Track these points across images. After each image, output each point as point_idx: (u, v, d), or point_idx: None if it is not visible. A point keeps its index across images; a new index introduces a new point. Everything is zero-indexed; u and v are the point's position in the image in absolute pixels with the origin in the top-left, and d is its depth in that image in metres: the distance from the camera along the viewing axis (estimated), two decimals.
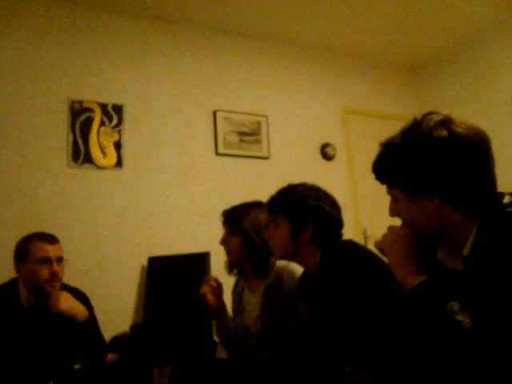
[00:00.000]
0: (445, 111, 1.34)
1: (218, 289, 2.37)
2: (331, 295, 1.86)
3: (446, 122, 1.29)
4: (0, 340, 2.26)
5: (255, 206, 2.39)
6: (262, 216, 2.28)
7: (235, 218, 2.34)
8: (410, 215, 1.36)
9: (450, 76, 5.37)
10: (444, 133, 1.26)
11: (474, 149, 1.26)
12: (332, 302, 1.85)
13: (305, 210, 1.96)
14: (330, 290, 1.86)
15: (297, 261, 2.04)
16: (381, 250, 1.44)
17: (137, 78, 4.25)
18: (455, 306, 1.21)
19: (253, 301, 2.35)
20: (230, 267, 2.45)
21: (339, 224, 2.05)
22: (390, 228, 1.44)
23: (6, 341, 2.27)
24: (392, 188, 1.38)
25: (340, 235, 2.05)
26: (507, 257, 1.16)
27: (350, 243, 2.02)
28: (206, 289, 2.36)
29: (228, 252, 2.37)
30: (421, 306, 1.26)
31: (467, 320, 1.18)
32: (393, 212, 1.42)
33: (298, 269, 2.18)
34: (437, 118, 1.31)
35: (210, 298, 2.35)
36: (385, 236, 1.43)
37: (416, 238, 1.39)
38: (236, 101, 4.65)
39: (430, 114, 1.34)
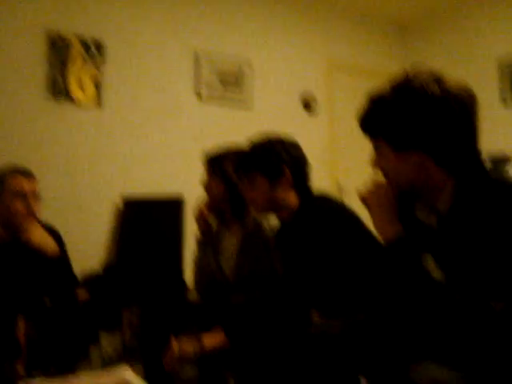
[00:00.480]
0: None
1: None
2: (305, 243, 1.88)
3: (438, 79, 1.30)
4: None
5: (237, 151, 2.39)
6: None
7: (219, 165, 2.35)
8: (393, 168, 1.37)
9: (440, 35, 5.34)
10: (436, 89, 1.28)
11: (464, 106, 1.29)
12: (304, 251, 1.88)
13: (276, 157, 1.97)
14: (304, 239, 1.89)
15: (275, 210, 2.04)
16: (363, 200, 1.46)
17: (119, 12, 4.11)
18: (430, 260, 1.25)
19: (230, 245, 2.38)
20: (210, 210, 2.47)
21: (309, 165, 2.10)
22: (375, 182, 1.45)
23: None
24: (378, 140, 1.38)
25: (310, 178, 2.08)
26: (484, 218, 1.19)
27: (326, 196, 2.04)
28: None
29: (210, 197, 2.40)
30: (397, 260, 1.30)
31: (442, 276, 1.21)
32: (375, 163, 1.43)
33: (273, 220, 2.21)
34: (428, 74, 1.32)
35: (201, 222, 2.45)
36: (368, 188, 1.45)
37: (396, 192, 1.41)
38: (219, 43, 4.56)
39: (420, 70, 1.34)
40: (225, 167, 2.34)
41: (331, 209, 1.91)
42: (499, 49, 4.74)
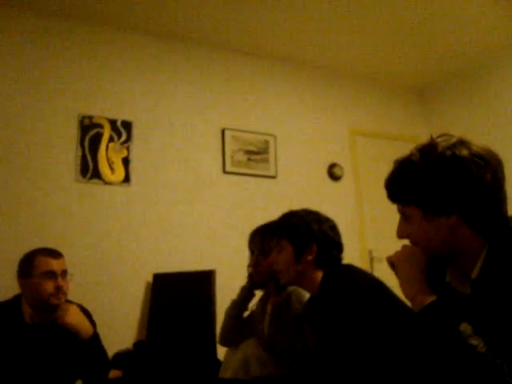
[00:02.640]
0: (454, 134, 1.35)
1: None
2: (331, 318, 1.87)
3: (464, 142, 1.30)
4: (3, 357, 2.26)
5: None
6: None
7: (264, 241, 2.41)
8: (424, 234, 1.34)
9: (460, 99, 5.37)
10: (465, 151, 1.27)
11: (493, 168, 1.27)
12: (332, 325, 1.85)
13: (307, 230, 2.01)
14: (329, 313, 1.87)
15: (301, 284, 2.04)
16: (392, 264, 1.42)
17: (147, 94, 4.28)
18: (468, 329, 1.19)
19: (267, 314, 2.41)
20: (257, 286, 2.56)
21: (340, 247, 2.10)
22: (404, 246, 1.42)
23: (9, 358, 2.26)
24: (406, 206, 1.36)
25: (340, 258, 2.08)
26: None
27: (351, 266, 2.03)
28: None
29: (256, 273, 2.45)
30: (432, 327, 1.24)
31: (481, 344, 1.16)
32: (402, 232, 1.40)
33: (305, 294, 2.22)
34: (453, 138, 1.32)
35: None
36: (397, 252, 1.42)
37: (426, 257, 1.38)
38: (244, 119, 4.67)
39: (445, 134, 1.34)
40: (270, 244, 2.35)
41: (355, 280, 1.89)
42: None
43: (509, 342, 1.14)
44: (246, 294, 2.60)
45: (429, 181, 1.29)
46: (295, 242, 1.99)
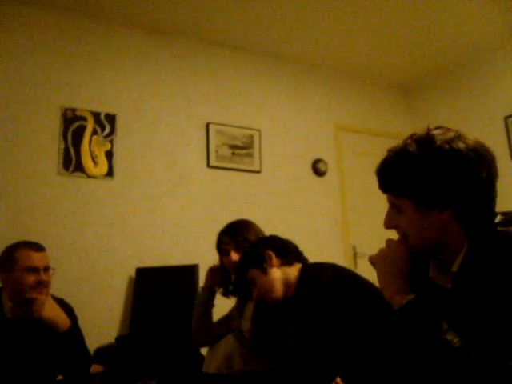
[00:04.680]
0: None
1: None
2: (310, 316, 1.91)
3: (461, 136, 1.29)
4: None
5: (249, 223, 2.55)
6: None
7: (244, 236, 2.45)
8: (414, 227, 1.33)
9: (444, 95, 5.41)
10: (462, 146, 1.25)
11: (487, 164, 1.26)
12: (311, 322, 1.88)
13: (257, 249, 2.22)
14: (308, 311, 1.93)
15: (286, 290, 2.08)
16: (373, 264, 1.42)
17: (130, 87, 4.25)
18: (444, 325, 1.20)
19: (250, 309, 2.41)
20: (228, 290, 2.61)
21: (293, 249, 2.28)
22: (390, 242, 1.41)
23: None
24: (398, 198, 1.34)
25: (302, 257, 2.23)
26: (494, 275, 1.17)
27: (330, 264, 2.10)
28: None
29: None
30: (408, 325, 1.25)
31: (456, 339, 1.16)
32: (391, 223, 1.38)
33: None
34: (451, 131, 1.30)
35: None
36: (380, 250, 1.41)
37: (411, 253, 1.38)
38: (229, 114, 4.65)
39: (441, 127, 1.33)
40: (250, 238, 2.42)
41: (324, 275, 1.97)
42: (507, 105, 4.77)
43: (485, 335, 1.15)
44: (207, 293, 2.63)
45: (425, 174, 1.27)
46: (259, 267, 2.12)
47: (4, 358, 2.24)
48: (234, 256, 2.39)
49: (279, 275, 2.09)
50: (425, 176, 1.27)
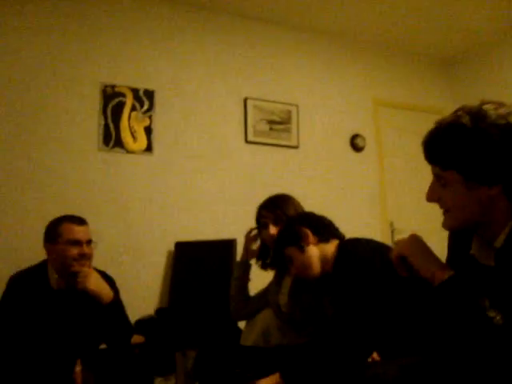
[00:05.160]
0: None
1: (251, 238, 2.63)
2: (348, 289, 1.92)
3: None
4: (30, 321, 2.32)
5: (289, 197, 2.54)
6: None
7: (283, 211, 2.45)
8: (459, 201, 1.30)
9: (487, 69, 5.25)
10: None
11: None
12: (349, 296, 1.89)
13: (295, 225, 2.21)
14: (346, 285, 1.93)
15: (324, 266, 2.10)
16: (402, 255, 1.39)
17: (169, 63, 4.26)
18: (486, 301, 1.19)
19: (288, 284, 2.43)
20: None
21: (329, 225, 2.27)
22: (409, 236, 1.41)
23: (35, 322, 2.32)
24: (446, 170, 1.31)
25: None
26: None
27: (366, 240, 2.10)
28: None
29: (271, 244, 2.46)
30: (450, 301, 1.24)
31: (498, 317, 1.15)
32: (433, 196, 1.36)
33: None
34: (505, 106, 1.27)
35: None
36: (401, 244, 1.40)
37: (452, 232, 1.36)
38: (266, 89, 4.63)
39: (495, 102, 1.29)
40: (289, 212, 2.42)
41: (363, 251, 1.97)
42: None
43: None
44: (242, 267, 2.65)
45: (479, 148, 1.23)
46: (296, 244, 2.13)
47: (49, 328, 2.33)
48: (273, 230, 2.39)
49: (316, 252, 2.09)
50: (478, 150, 1.24)
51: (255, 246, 2.62)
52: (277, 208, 2.45)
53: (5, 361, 2.23)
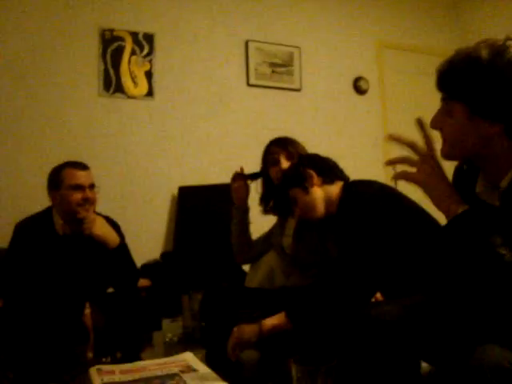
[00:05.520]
0: None
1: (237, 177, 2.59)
2: (353, 230, 1.92)
3: None
4: (37, 267, 2.34)
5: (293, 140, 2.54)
6: None
7: (294, 148, 2.47)
8: (460, 132, 1.30)
9: (497, 5, 5.06)
10: None
11: None
12: (355, 235, 1.90)
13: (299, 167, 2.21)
14: (351, 226, 1.93)
15: (328, 207, 2.10)
16: (417, 182, 1.36)
17: (168, 6, 4.16)
18: (498, 239, 1.18)
19: (292, 226, 2.44)
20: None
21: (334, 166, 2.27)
22: (423, 159, 1.35)
23: (42, 268, 2.35)
24: (453, 100, 1.30)
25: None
26: None
27: (370, 181, 2.10)
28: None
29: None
30: (462, 235, 1.24)
31: (509, 254, 1.15)
32: (437, 123, 1.35)
33: None
34: None
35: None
36: (419, 169, 1.36)
37: (458, 169, 1.34)
38: (268, 31, 4.54)
39: None
40: (299, 149, 2.45)
41: (369, 192, 1.98)
42: None
43: None
44: (240, 211, 2.63)
45: (490, 83, 1.22)
46: (300, 185, 2.13)
47: (57, 273, 2.36)
48: (285, 164, 2.39)
49: (321, 194, 2.10)
50: (489, 84, 1.22)
51: (243, 190, 2.59)
52: (288, 144, 2.45)
53: (16, 307, 2.27)
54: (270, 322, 1.87)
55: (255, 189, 2.61)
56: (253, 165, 2.61)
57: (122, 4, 3.98)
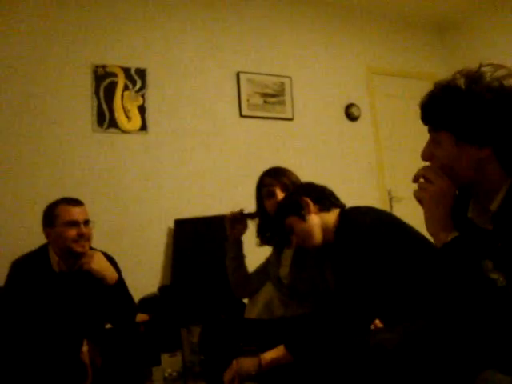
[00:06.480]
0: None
1: (238, 218, 2.56)
2: (350, 258, 1.92)
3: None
4: (34, 304, 2.33)
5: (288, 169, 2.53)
6: None
7: (288, 179, 2.45)
8: (450, 160, 1.31)
9: (483, 33, 5.17)
10: None
11: None
12: (351, 265, 1.90)
13: (295, 196, 2.19)
14: (348, 254, 1.93)
15: (325, 235, 2.10)
16: (419, 200, 1.38)
17: (159, 40, 4.21)
18: (489, 264, 1.19)
19: (288, 256, 2.43)
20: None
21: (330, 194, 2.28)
22: (436, 177, 1.34)
23: (39, 305, 2.33)
24: (439, 130, 1.32)
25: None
26: None
27: (366, 208, 2.10)
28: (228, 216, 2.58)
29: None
30: (453, 262, 1.25)
31: (501, 279, 1.16)
32: (427, 155, 1.37)
33: None
34: (503, 68, 1.27)
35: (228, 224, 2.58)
36: (427, 188, 1.35)
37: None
38: (259, 62, 4.60)
39: (492, 64, 1.30)
40: (293, 179, 2.44)
41: (370, 220, 1.96)
42: None
43: None
44: (235, 246, 2.62)
45: (470, 109, 1.24)
46: (296, 213, 2.12)
47: (54, 310, 2.34)
48: (280, 195, 2.37)
49: (317, 221, 2.10)
50: (469, 111, 1.25)
51: (240, 225, 2.58)
52: (282, 175, 2.45)
53: (13, 345, 2.25)
54: (270, 355, 1.86)
55: (250, 222, 2.60)
56: (247, 196, 2.62)
57: (114, 40, 4.03)
